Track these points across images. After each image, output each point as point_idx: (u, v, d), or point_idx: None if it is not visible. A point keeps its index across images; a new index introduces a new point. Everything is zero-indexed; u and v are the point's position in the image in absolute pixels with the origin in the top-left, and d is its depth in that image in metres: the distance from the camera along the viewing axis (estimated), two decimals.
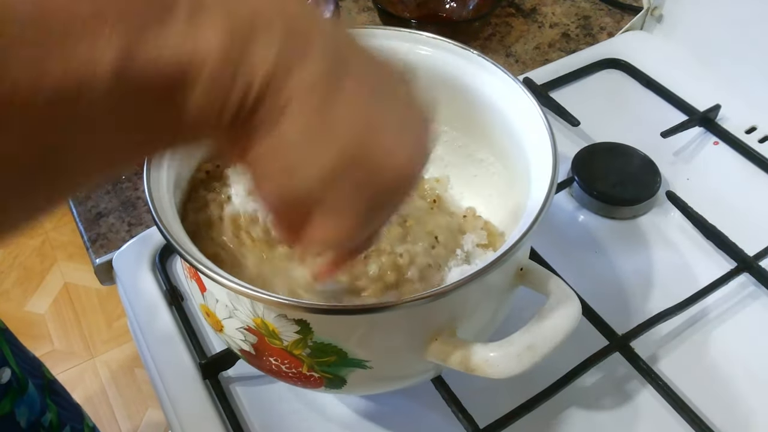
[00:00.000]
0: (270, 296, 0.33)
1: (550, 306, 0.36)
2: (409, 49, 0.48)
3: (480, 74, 0.46)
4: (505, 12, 0.85)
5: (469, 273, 0.34)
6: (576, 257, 0.56)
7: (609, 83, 0.72)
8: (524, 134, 0.43)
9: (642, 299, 0.53)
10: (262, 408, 0.47)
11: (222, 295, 0.37)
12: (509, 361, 0.35)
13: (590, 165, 0.61)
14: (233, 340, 0.40)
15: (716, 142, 0.65)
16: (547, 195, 0.37)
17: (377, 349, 0.37)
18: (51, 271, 1.77)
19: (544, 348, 0.35)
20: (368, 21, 0.84)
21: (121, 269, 0.56)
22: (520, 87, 0.44)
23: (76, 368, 1.59)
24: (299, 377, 0.39)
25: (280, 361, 0.38)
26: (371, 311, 0.34)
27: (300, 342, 0.36)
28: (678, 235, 0.57)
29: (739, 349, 0.50)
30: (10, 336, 0.68)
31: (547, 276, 0.39)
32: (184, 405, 0.47)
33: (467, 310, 0.39)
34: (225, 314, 0.38)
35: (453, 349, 0.36)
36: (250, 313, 0.36)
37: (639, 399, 0.47)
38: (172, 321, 0.52)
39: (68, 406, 0.75)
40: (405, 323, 0.37)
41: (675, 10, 0.73)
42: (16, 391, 0.63)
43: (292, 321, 0.35)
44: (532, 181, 0.40)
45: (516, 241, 0.35)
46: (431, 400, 0.46)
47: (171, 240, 0.34)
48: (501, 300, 0.41)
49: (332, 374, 0.38)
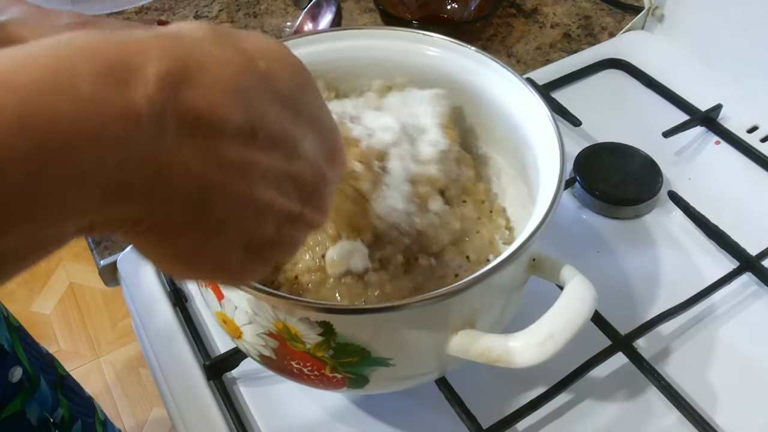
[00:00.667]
0: (294, 299, 0.33)
1: (566, 293, 0.37)
2: (417, 50, 0.48)
3: (487, 74, 0.47)
4: (506, 12, 0.85)
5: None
6: (578, 257, 0.56)
7: (610, 83, 0.72)
8: (531, 132, 0.44)
9: (645, 299, 0.53)
10: (266, 408, 0.48)
11: (242, 301, 0.38)
12: (532, 350, 0.35)
13: (592, 165, 0.61)
14: (253, 346, 0.40)
15: (718, 141, 0.65)
16: (558, 186, 0.38)
17: (400, 346, 0.37)
18: (56, 272, 1.78)
19: (565, 335, 0.35)
20: (370, 22, 0.84)
21: (125, 271, 0.57)
22: (528, 87, 0.44)
23: (82, 368, 1.59)
24: (322, 379, 0.39)
25: (303, 363, 0.38)
26: (394, 310, 0.34)
27: (323, 344, 0.36)
28: (680, 234, 0.58)
29: (742, 348, 0.50)
30: (24, 333, 0.69)
31: (559, 264, 0.39)
32: (189, 406, 0.48)
33: (485, 304, 0.39)
34: (244, 320, 0.39)
35: (474, 341, 0.37)
36: (271, 318, 0.36)
37: (642, 398, 0.47)
38: (176, 322, 0.52)
39: (80, 401, 0.75)
40: (427, 319, 0.37)
41: (676, 9, 0.73)
42: (28, 389, 0.64)
43: (315, 323, 0.35)
44: (540, 176, 0.41)
45: (532, 232, 0.36)
46: (435, 401, 0.46)
47: None
48: (515, 291, 0.42)
49: (355, 374, 0.38)
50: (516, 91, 0.45)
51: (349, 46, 0.49)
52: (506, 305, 0.42)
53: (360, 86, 0.51)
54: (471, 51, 0.47)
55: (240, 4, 0.87)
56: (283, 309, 0.35)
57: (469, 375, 0.47)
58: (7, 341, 0.63)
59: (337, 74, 0.50)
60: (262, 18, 0.85)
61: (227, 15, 0.86)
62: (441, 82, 0.48)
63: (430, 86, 0.48)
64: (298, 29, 0.76)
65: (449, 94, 0.48)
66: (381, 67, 0.50)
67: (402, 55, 0.49)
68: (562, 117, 0.66)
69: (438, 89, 0.48)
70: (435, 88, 0.48)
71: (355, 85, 0.51)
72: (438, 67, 0.48)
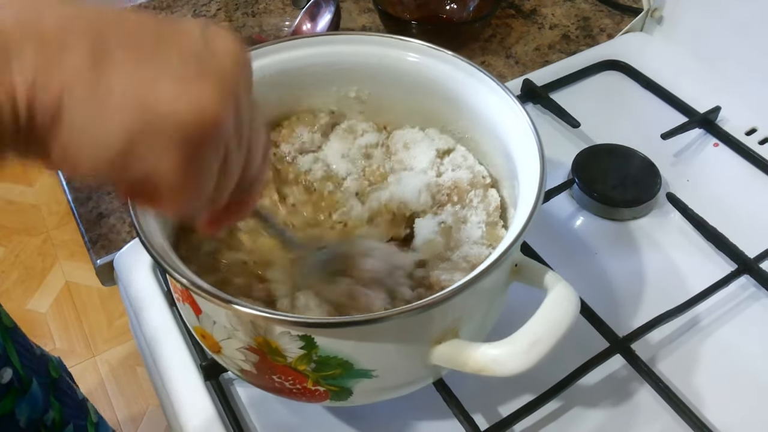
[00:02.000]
0: (274, 314, 0.33)
1: (550, 300, 0.37)
2: (399, 56, 0.48)
3: (467, 81, 0.46)
4: (505, 13, 0.85)
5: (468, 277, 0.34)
6: (576, 259, 0.56)
7: (609, 85, 0.72)
8: (509, 137, 0.43)
9: (643, 301, 0.53)
10: (263, 409, 0.48)
11: (220, 316, 0.37)
12: (517, 358, 0.35)
13: (590, 166, 0.61)
14: (233, 360, 0.40)
15: (716, 143, 0.65)
16: (539, 191, 0.38)
17: (383, 358, 0.37)
18: (52, 270, 1.77)
19: (549, 341, 0.35)
20: (369, 22, 0.84)
21: (122, 270, 0.57)
22: (507, 93, 0.44)
23: (78, 367, 1.59)
24: (304, 392, 0.39)
25: (284, 378, 0.38)
26: (376, 322, 0.34)
27: (305, 357, 0.36)
28: (678, 236, 0.58)
29: (739, 350, 0.50)
30: (17, 335, 0.68)
31: (542, 270, 0.39)
32: (186, 406, 0.48)
33: (468, 312, 0.39)
34: (223, 335, 0.38)
35: (459, 351, 0.37)
36: (251, 333, 0.36)
37: (640, 401, 0.47)
38: (173, 322, 0.52)
39: (73, 404, 0.75)
40: (410, 330, 0.37)
41: (675, 11, 0.74)
42: (18, 390, 0.63)
43: (296, 337, 0.35)
44: (521, 183, 0.41)
45: (514, 239, 0.36)
46: (432, 403, 0.46)
47: (168, 268, 0.34)
48: (498, 298, 0.42)
49: (338, 386, 0.38)
50: (494, 97, 0.45)
51: (324, 51, 0.49)
52: (488, 313, 0.42)
53: (336, 93, 0.51)
54: (449, 56, 0.47)
55: (238, 3, 0.87)
56: (262, 323, 0.35)
57: (466, 377, 0.47)
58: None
59: (311, 81, 0.50)
60: (261, 17, 0.85)
61: (225, 14, 0.86)
62: (421, 87, 0.48)
63: (411, 92, 0.48)
64: (297, 29, 0.76)
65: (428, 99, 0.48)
66: (357, 74, 0.49)
67: (379, 60, 0.49)
68: (560, 118, 0.66)
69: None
70: (416, 94, 0.48)
71: (330, 92, 0.51)
72: (418, 73, 0.48)
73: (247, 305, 0.33)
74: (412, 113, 0.51)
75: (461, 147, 0.50)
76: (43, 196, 1.98)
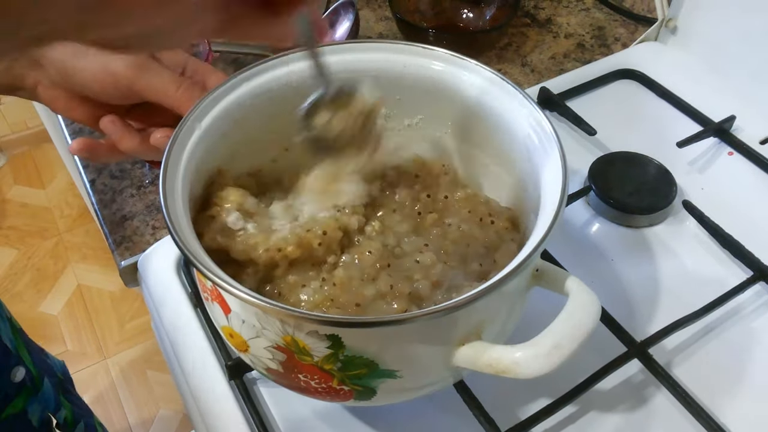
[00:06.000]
0: (303, 313, 0.34)
1: (571, 304, 0.37)
2: (423, 64, 0.48)
3: (491, 88, 0.47)
4: (520, 22, 0.86)
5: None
6: (593, 265, 0.57)
7: (624, 93, 0.73)
8: (531, 143, 0.44)
9: (659, 307, 0.54)
10: (287, 408, 0.48)
11: (249, 315, 0.38)
12: (539, 360, 0.36)
13: (607, 174, 0.62)
14: (260, 359, 0.40)
15: (731, 152, 0.66)
16: (561, 197, 0.38)
17: (408, 358, 0.38)
18: (64, 273, 1.78)
19: (571, 345, 0.36)
20: (386, 30, 0.85)
21: (146, 272, 0.58)
22: (529, 101, 0.45)
23: (89, 369, 1.60)
24: (329, 391, 0.40)
25: (310, 377, 0.39)
26: (402, 323, 0.35)
27: (331, 357, 0.37)
28: (694, 243, 0.58)
29: (756, 356, 0.51)
30: (26, 337, 0.69)
31: (563, 275, 0.40)
32: (210, 406, 0.48)
33: (490, 315, 0.40)
34: (251, 334, 0.39)
35: (481, 353, 0.37)
36: (279, 331, 0.37)
37: (657, 405, 0.48)
38: (197, 322, 0.53)
39: (80, 403, 0.76)
40: (434, 332, 0.38)
41: (689, 21, 0.74)
42: (30, 389, 0.64)
43: (323, 336, 0.36)
44: (543, 189, 0.41)
45: (537, 244, 0.36)
46: (453, 404, 0.47)
47: (202, 268, 0.35)
48: (519, 302, 0.43)
49: (363, 386, 0.39)
50: (517, 105, 0.45)
51: (351, 59, 0.49)
52: (510, 317, 0.42)
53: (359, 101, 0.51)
54: (474, 65, 0.47)
55: None
56: (291, 323, 0.36)
57: (487, 379, 0.47)
58: (10, 341, 0.64)
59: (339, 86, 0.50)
60: None
61: None
62: (447, 96, 0.48)
63: (435, 100, 0.49)
64: None
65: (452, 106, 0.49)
66: (381, 81, 0.49)
67: (404, 68, 0.49)
68: (577, 126, 0.67)
69: None
70: (439, 102, 0.49)
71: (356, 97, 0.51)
72: (442, 81, 0.48)
73: (278, 304, 0.34)
74: (434, 119, 0.52)
75: None
76: (55, 199, 2.00)
